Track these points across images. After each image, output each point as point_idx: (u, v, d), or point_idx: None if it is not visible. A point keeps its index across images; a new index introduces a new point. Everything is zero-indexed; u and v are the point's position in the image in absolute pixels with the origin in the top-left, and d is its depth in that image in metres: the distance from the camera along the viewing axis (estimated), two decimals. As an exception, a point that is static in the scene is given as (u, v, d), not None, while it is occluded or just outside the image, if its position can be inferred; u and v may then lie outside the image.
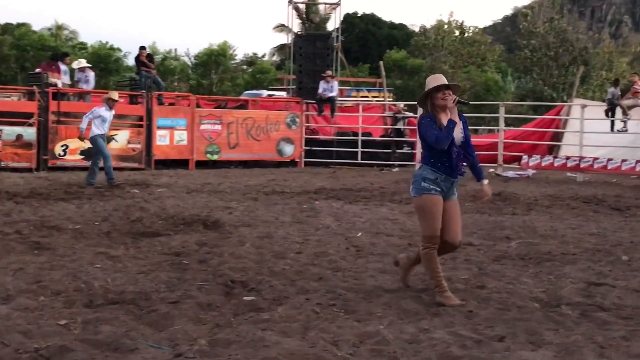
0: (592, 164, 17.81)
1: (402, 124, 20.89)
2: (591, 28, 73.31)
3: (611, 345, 4.77)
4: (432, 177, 5.76)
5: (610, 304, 5.83)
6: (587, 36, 46.46)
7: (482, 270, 7.13)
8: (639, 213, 11.81)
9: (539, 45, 40.03)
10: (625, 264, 7.61)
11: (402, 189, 14.48)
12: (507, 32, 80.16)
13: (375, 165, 20.44)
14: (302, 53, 22.11)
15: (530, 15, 43.56)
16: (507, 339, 4.87)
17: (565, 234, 9.44)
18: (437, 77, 5.96)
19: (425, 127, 5.76)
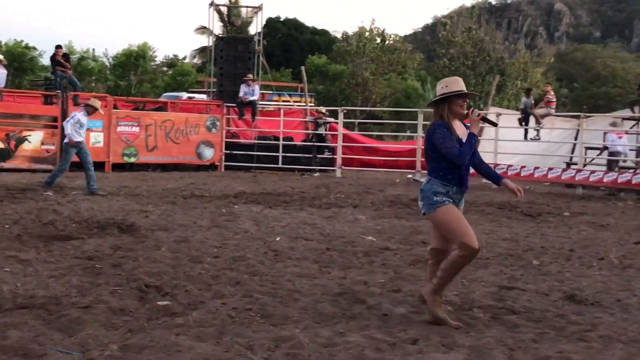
0: (507, 170, 18.24)
1: (323, 129, 20.99)
2: (507, 39, 75.38)
3: (520, 348, 4.89)
4: (443, 190, 5.36)
5: (520, 307, 5.98)
6: (504, 46, 47.71)
7: (398, 274, 7.21)
8: (550, 219, 12.18)
9: (457, 54, 40.91)
10: (536, 268, 7.83)
11: (322, 194, 14.57)
12: (427, 41, 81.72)
13: (296, 170, 20.47)
14: (224, 56, 21.96)
15: (449, 25, 44.44)
16: (421, 342, 4.93)
17: (479, 239, 9.61)
18: (457, 81, 5.48)
19: (443, 139, 5.26)
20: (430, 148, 5.40)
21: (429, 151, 5.43)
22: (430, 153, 5.41)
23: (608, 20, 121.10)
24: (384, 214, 11.97)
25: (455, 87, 5.36)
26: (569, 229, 11.06)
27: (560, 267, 7.94)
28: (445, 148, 5.23)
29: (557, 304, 6.19)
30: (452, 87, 5.36)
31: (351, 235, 9.61)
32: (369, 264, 7.76)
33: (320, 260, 7.85)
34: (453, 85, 5.38)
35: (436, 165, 5.40)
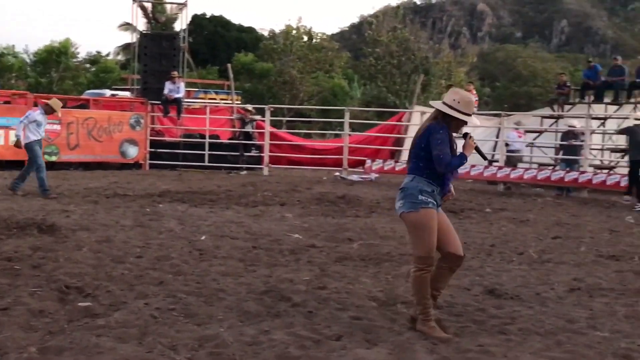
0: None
1: (250, 127, 20.89)
2: (432, 38, 76.58)
3: (442, 342, 4.97)
4: (429, 189, 5.20)
5: (442, 302, 6.07)
6: (428, 46, 48.42)
7: (323, 272, 7.24)
8: (473, 215, 12.43)
9: (383, 53, 41.32)
10: (458, 263, 7.97)
11: (249, 192, 14.51)
12: (354, 40, 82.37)
13: (222, 168, 20.32)
14: (148, 53, 21.62)
15: (374, 24, 44.86)
16: (345, 338, 4.97)
17: (403, 235, 9.72)
18: (470, 105, 5.30)
19: (442, 141, 5.15)
20: (422, 147, 5.21)
21: (420, 150, 5.23)
22: (420, 152, 5.22)
23: (529, 20, 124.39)
24: (311, 212, 12.00)
25: (467, 110, 5.25)
26: (490, 224, 11.32)
27: (481, 262, 8.12)
28: (440, 151, 5.10)
29: (478, 298, 6.33)
30: (464, 109, 5.23)
31: (277, 233, 9.61)
32: (295, 261, 7.77)
33: (246, 258, 7.82)
34: (468, 107, 5.26)
35: (424, 164, 5.22)
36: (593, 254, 8.86)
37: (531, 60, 58.54)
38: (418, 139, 5.27)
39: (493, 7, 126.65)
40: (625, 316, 5.86)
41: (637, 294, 6.74)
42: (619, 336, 5.27)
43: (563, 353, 4.78)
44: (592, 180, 16.37)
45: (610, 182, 16.18)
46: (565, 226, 11.36)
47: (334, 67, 47.24)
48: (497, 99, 51.69)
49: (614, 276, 7.54)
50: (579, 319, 5.74)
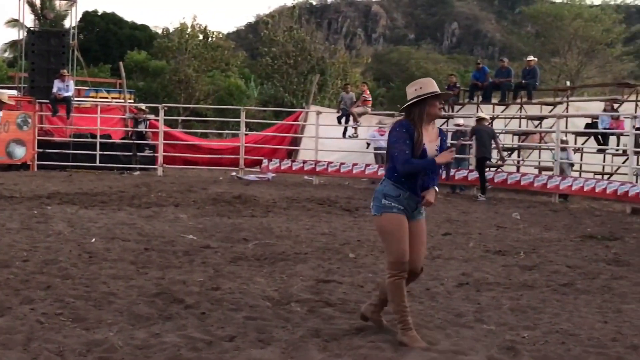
0: (327, 167, 18.73)
1: (143, 126, 20.49)
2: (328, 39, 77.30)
3: (335, 339, 5.02)
4: (394, 193, 4.95)
5: (336, 300, 6.15)
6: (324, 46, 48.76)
7: (218, 272, 7.19)
8: (367, 213, 12.59)
9: (280, 53, 41.31)
10: (352, 261, 8.09)
11: (142, 193, 14.23)
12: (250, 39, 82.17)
13: (115, 169, 19.84)
14: (36, 50, 20.85)
15: (271, 24, 44.82)
16: (238, 339, 4.95)
17: (299, 234, 9.82)
18: (431, 82, 5.05)
19: (397, 139, 4.90)
20: (389, 145, 5.04)
21: (389, 148, 5.03)
22: (390, 151, 5.02)
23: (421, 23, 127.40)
24: (206, 212, 11.88)
25: (430, 88, 4.95)
26: (384, 222, 11.49)
27: (374, 259, 8.24)
28: (396, 149, 4.88)
29: (370, 295, 6.40)
30: (427, 89, 4.95)
31: (171, 234, 9.47)
32: (188, 263, 7.67)
33: (138, 261, 7.66)
34: (428, 87, 4.97)
35: (391, 166, 5.00)
36: (481, 249, 9.16)
37: (424, 62, 60.04)
38: (388, 141, 5.07)
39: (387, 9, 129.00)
40: (511, 309, 6.08)
41: (522, 287, 7.00)
42: (505, 328, 5.46)
43: (451, 346, 4.90)
44: (481, 178, 16.87)
45: (498, 180, 16.76)
46: (455, 223, 11.69)
47: (230, 66, 46.93)
48: (392, 99, 52.60)
49: (500, 270, 7.81)
50: (467, 312, 5.91)
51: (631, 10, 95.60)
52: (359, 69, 49.04)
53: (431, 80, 5.08)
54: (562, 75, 44.63)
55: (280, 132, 22.65)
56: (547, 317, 5.85)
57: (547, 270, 7.89)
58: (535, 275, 7.62)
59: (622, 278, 7.55)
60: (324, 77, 39.74)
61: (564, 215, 13.17)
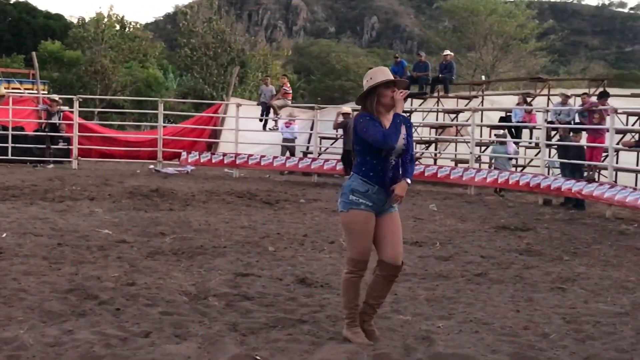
0: (247, 160, 18.64)
1: (57, 118, 19.91)
2: (248, 31, 76.90)
3: (252, 333, 5.00)
4: (362, 189, 4.78)
5: (254, 293, 6.12)
6: (245, 38, 48.50)
7: (134, 267, 7.05)
8: (287, 206, 12.61)
9: (199, 44, 40.85)
10: (271, 254, 8.07)
11: (56, 187, 13.85)
12: (169, 30, 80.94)
13: (27, 162, 19.23)
14: (-58, 38, 20.02)
15: (189, 15, 44.26)
16: (153, 334, 4.87)
17: (218, 228, 9.74)
18: (382, 70, 4.94)
19: (367, 127, 4.72)
20: (355, 141, 4.86)
21: (355, 144, 4.88)
22: (355, 146, 4.87)
23: (341, 16, 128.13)
24: (122, 206, 11.65)
25: (380, 77, 4.82)
26: (304, 215, 11.54)
27: (294, 252, 8.25)
28: (370, 136, 4.69)
29: (289, 288, 6.42)
30: (377, 78, 4.81)
31: (86, 229, 9.23)
32: (103, 258, 7.50)
33: (51, 256, 7.44)
34: (378, 76, 4.83)
35: (360, 159, 4.84)
36: (399, 241, 9.25)
37: (344, 55, 60.27)
38: (352, 136, 4.92)
39: (307, 2, 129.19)
40: (427, 299, 6.18)
41: (437, 278, 7.13)
42: (420, 318, 5.54)
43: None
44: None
45: (415, 172, 16.97)
46: (374, 215, 11.77)
47: (148, 57, 46.12)
48: (313, 92, 52.81)
49: (417, 261, 7.93)
50: (385, 304, 5.95)
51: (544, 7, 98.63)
52: (280, 61, 48.95)
53: (382, 69, 4.97)
54: (478, 70, 45.65)
55: (199, 125, 22.37)
56: (462, 306, 5.97)
57: (462, 260, 8.06)
58: (451, 265, 7.77)
59: (534, 267, 7.78)
60: (244, 69, 39.52)
61: (479, 207, 13.47)
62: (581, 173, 14.12)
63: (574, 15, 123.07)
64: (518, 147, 18.31)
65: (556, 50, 62.25)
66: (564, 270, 7.66)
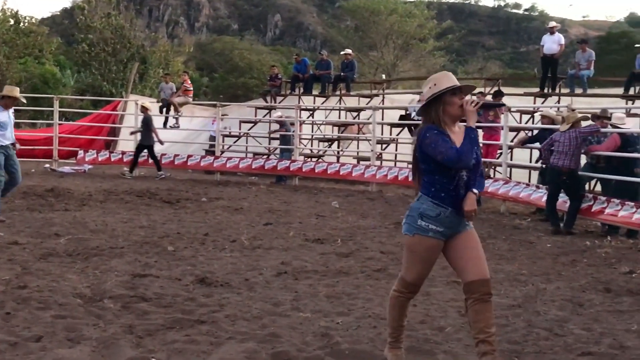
0: (147, 158, 18.25)
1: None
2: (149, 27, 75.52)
3: (149, 335, 4.90)
4: (432, 213, 4.27)
5: (152, 294, 6.01)
6: (145, 34, 47.63)
7: (25, 270, 6.80)
8: (188, 205, 12.44)
9: (97, 40, 39.80)
10: (171, 254, 7.94)
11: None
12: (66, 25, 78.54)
13: None
14: None
15: (87, 10, 43.05)
16: (45, 339, 4.70)
17: (115, 228, 9.51)
18: (447, 76, 4.40)
19: (435, 143, 4.19)
20: (420, 158, 4.33)
21: (420, 162, 4.35)
22: (421, 164, 4.34)
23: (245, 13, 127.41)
24: (15, 207, 11.21)
25: (445, 83, 4.31)
26: (206, 213, 11.41)
27: (194, 251, 8.14)
28: (440, 153, 4.17)
29: (188, 288, 6.33)
30: (443, 84, 4.30)
31: (-25, 231, 8.84)
32: (-7, 260, 7.20)
33: None
34: (443, 82, 4.31)
35: (428, 179, 4.32)
36: (301, 238, 9.30)
37: (247, 53, 60.04)
38: (417, 153, 4.39)
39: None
40: (327, 296, 6.22)
41: (338, 274, 7.18)
42: (320, 315, 5.57)
43: (267, 336, 4.93)
44: (302, 168, 17.18)
45: (318, 170, 17.09)
46: (276, 213, 11.80)
47: (44, 53, 44.60)
48: (216, 90, 52.31)
49: (318, 258, 7.97)
50: (284, 301, 5.97)
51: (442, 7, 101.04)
52: (181, 58, 48.23)
53: (447, 74, 4.43)
54: (380, 69, 46.34)
55: (97, 122, 21.77)
56: (361, 302, 6.03)
57: (363, 256, 8.15)
58: (351, 262, 7.84)
59: (432, 262, 7.92)
60: (144, 65, 38.80)
61: (379, 204, 13.66)
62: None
63: (471, 15, 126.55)
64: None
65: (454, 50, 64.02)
66: (460, 265, 7.84)
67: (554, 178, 10.64)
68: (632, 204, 9.91)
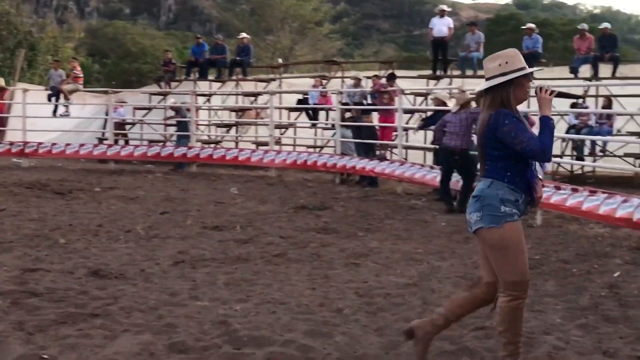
0: (37, 148, 17.60)
1: None
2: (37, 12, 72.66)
3: (40, 331, 4.74)
4: (512, 198, 3.97)
5: (43, 289, 5.80)
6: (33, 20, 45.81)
7: None
8: (81, 195, 12.07)
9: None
10: (63, 247, 7.69)
11: None
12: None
13: None
14: None
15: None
16: None
17: (4, 222, 9.13)
18: (518, 55, 4.05)
19: (516, 131, 3.90)
20: (490, 144, 4.01)
21: (489, 148, 4.03)
22: (493, 151, 4.02)
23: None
24: None
25: (518, 63, 4.00)
26: (99, 204, 11.10)
27: (87, 243, 7.91)
28: (522, 142, 3.88)
29: (81, 281, 6.15)
30: (515, 64, 4.00)
31: None
32: None
33: None
34: (515, 61, 4.01)
35: (501, 164, 4.00)
36: (199, 226, 9.18)
37: (140, 37, 58.64)
38: (484, 138, 4.04)
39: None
40: (225, 283, 6.17)
41: (237, 261, 7.14)
42: (218, 303, 5.51)
43: (163, 327, 4.84)
44: (199, 154, 16.95)
45: (216, 156, 16.89)
46: (174, 201, 11.60)
47: None
48: (108, 76, 50.89)
49: (217, 246, 7.90)
50: (182, 291, 5.89)
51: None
52: (72, 44, 46.71)
53: (517, 53, 4.08)
54: (277, 53, 46.20)
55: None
56: (260, 288, 6.01)
57: (262, 242, 8.13)
58: (250, 248, 7.80)
59: (330, 245, 8.00)
60: (32, 52, 37.34)
61: (279, 189, 13.64)
62: (374, 152, 14.71)
63: None
64: (316, 128, 18.79)
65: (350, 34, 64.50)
66: (358, 246, 7.95)
67: (446, 158, 10.90)
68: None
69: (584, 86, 15.87)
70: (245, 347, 4.51)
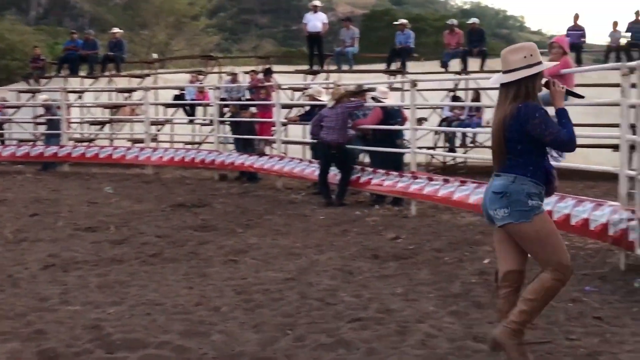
0: None
1: None
2: None
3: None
4: (537, 191, 4.03)
5: None
6: None
7: None
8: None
9: None
10: None
11: None
12: None
13: None
14: None
15: None
16: None
17: None
18: (537, 48, 4.10)
19: (546, 124, 3.93)
20: (516, 137, 4.01)
21: (514, 142, 4.02)
22: (517, 145, 4.02)
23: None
24: None
25: (539, 56, 4.07)
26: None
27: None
28: (552, 134, 3.94)
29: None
30: (538, 57, 4.06)
31: None
32: None
33: None
34: (537, 54, 4.07)
35: (522, 159, 4.03)
36: (71, 227, 8.88)
37: (8, 33, 56.07)
38: (509, 132, 4.02)
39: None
40: (98, 286, 5.98)
41: (111, 263, 6.94)
42: (90, 307, 5.34)
43: (32, 334, 4.66)
44: (71, 153, 16.37)
45: (89, 155, 16.36)
46: (44, 202, 11.17)
47: None
48: (-28, 73, 48.41)
49: (90, 248, 7.66)
50: (52, 295, 5.67)
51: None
52: None
53: (535, 46, 4.17)
54: (153, 48, 45.24)
55: None
56: (135, 290, 5.87)
57: (137, 242, 7.94)
58: (125, 248, 7.60)
59: (208, 242, 7.91)
60: None
61: (156, 187, 13.37)
62: (253, 147, 14.66)
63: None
64: (194, 124, 18.55)
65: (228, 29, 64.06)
66: (237, 243, 7.89)
67: (324, 152, 11.01)
68: (396, 173, 10.48)
69: (455, 80, 16.42)
70: (118, 351, 4.39)
